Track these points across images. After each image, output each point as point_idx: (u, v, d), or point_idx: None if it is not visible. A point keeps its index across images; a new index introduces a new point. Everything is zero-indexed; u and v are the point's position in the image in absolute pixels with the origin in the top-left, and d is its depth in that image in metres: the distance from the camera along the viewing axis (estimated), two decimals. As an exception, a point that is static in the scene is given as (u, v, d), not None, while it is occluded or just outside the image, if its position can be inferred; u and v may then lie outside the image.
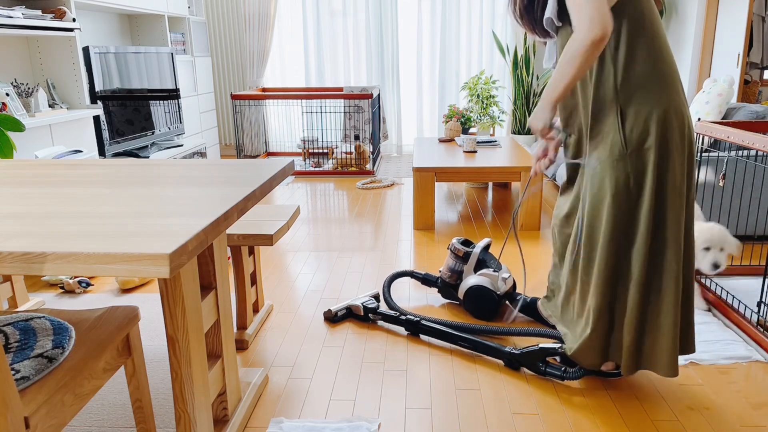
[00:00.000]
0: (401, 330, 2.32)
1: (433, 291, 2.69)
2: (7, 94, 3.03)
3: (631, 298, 1.71)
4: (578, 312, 1.85)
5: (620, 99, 1.65)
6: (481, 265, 2.45)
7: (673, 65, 1.67)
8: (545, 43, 1.87)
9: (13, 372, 1.11)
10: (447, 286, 2.51)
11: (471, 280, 2.40)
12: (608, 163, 1.68)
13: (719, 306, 2.43)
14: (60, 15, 3.33)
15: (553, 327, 2.28)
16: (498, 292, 2.34)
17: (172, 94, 4.69)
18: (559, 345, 1.95)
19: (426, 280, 2.59)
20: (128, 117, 4.04)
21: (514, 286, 2.43)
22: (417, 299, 2.61)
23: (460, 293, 2.43)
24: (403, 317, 2.28)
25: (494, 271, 2.40)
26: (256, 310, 2.41)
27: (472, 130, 5.65)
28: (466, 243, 2.51)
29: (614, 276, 1.73)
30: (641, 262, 1.68)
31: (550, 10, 1.69)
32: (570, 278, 1.87)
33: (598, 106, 1.69)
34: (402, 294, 2.66)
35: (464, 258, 2.45)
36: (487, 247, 2.49)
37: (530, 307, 2.37)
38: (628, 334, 1.74)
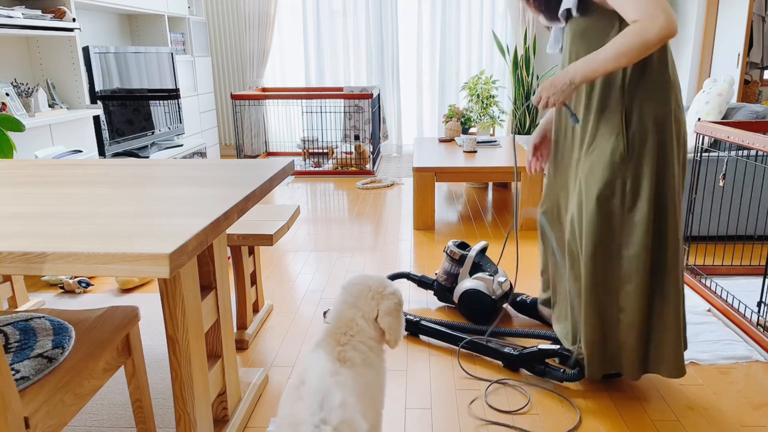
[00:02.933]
0: (401, 330, 2.32)
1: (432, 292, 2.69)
2: (7, 94, 3.03)
3: (634, 303, 1.70)
4: (577, 312, 1.85)
5: (626, 101, 1.64)
6: (476, 268, 2.44)
7: (676, 72, 1.67)
8: (548, 28, 1.83)
9: (13, 372, 1.11)
10: (443, 289, 2.50)
11: (466, 283, 2.39)
12: (608, 164, 1.67)
13: (719, 306, 2.43)
14: (60, 15, 3.33)
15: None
16: (493, 296, 2.33)
17: (172, 94, 4.69)
18: (558, 346, 1.95)
19: (422, 282, 2.57)
20: (128, 117, 4.04)
21: (510, 289, 2.42)
22: (417, 302, 2.61)
23: (456, 297, 2.42)
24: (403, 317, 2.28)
25: (490, 274, 2.39)
26: (256, 310, 2.41)
27: (472, 130, 5.65)
28: (463, 246, 2.50)
29: (603, 282, 1.73)
30: (642, 266, 1.67)
31: (571, 1, 1.65)
32: (569, 278, 1.86)
33: (604, 105, 1.68)
34: (402, 296, 2.66)
35: (460, 261, 2.45)
36: (483, 250, 2.48)
37: (531, 308, 2.37)
38: (631, 338, 1.73)
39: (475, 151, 4.12)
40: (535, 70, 6.09)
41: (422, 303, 2.57)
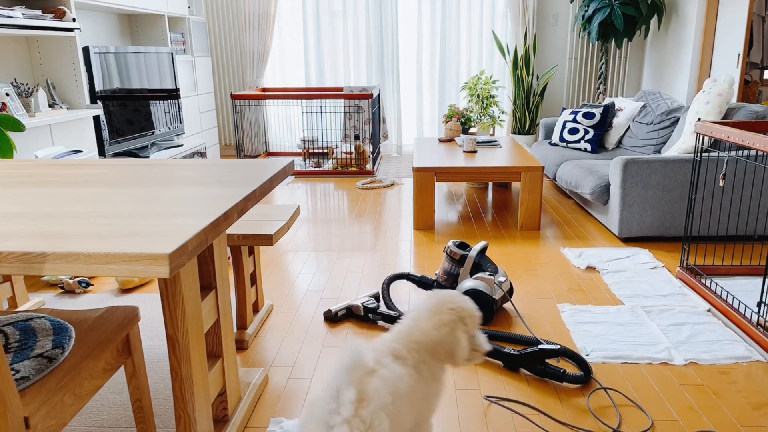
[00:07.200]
0: (401, 330, 2.32)
1: (433, 291, 2.69)
2: (7, 94, 3.03)
3: None
4: None
5: None
6: (477, 268, 2.44)
7: None
8: None
9: (13, 372, 1.11)
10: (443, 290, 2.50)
11: (467, 283, 2.39)
12: None
13: (719, 306, 2.43)
14: (60, 15, 3.33)
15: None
16: (494, 297, 2.33)
17: (172, 94, 4.69)
18: (558, 346, 1.95)
19: (422, 282, 2.57)
20: (128, 117, 4.04)
21: (510, 290, 2.42)
22: (417, 302, 2.61)
23: None
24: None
25: (490, 274, 2.39)
26: (256, 310, 2.41)
27: (472, 130, 5.65)
28: (463, 246, 2.50)
29: None
30: None
31: None
32: None
33: None
34: (402, 297, 2.66)
35: (460, 261, 2.45)
36: (483, 250, 2.48)
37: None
38: None
39: (475, 151, 4.12)
40: (535, 70, 6.09)
41: (422, 303, 2.57)
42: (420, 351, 1.32)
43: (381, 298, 2.56)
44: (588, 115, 4.47)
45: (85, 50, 3.58)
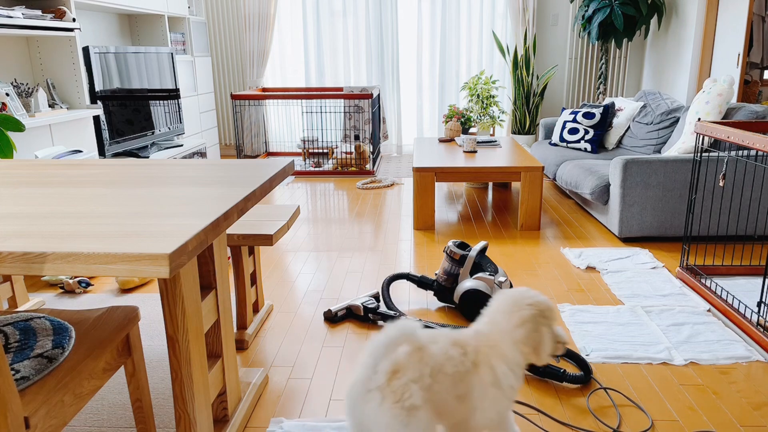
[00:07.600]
0: (401, 330, 2.32)
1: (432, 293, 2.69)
2: (7, 94, 3.03)
3: None
4: None
5: None
6: (477, 268, 2.44)
7: None
8: None
9: (13, 372, 1.11)
10: (443, 290, 2.50)
11: (467, 283, 2.39)
12: None
13: (719, 306, 2.43)
14: (60, 15, 3.33)
15: None
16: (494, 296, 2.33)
17: (172, 94, 4.69)
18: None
19: (422, 282, 2.57)
20: (128, 117, 4.04)
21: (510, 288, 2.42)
22: (416, 302, 2.61)
23: (456, 297, 2.42)
24: (403, 317, 2.28)
25: (490, 274, 2.39)
26: (256, 310, 2.41)
27: (472, 130, 5.65)
28: (463, 246, 2.50)
29: None
30: None
31: None
32: None
33: None
34: (402, 297, 2.66)
35: (460, 261, 2.45)
36: (483, 250, 2.48)
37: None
38: None
39: (475, 151, 4.12)
40: (535, 70, 6.09)
41: (422, 303, 2.57)
42: (492, 355, 1.30)
43: (381, 298, 2.56)
44: (588, 115, 4.47)
45: (85, 50, 3.58)
